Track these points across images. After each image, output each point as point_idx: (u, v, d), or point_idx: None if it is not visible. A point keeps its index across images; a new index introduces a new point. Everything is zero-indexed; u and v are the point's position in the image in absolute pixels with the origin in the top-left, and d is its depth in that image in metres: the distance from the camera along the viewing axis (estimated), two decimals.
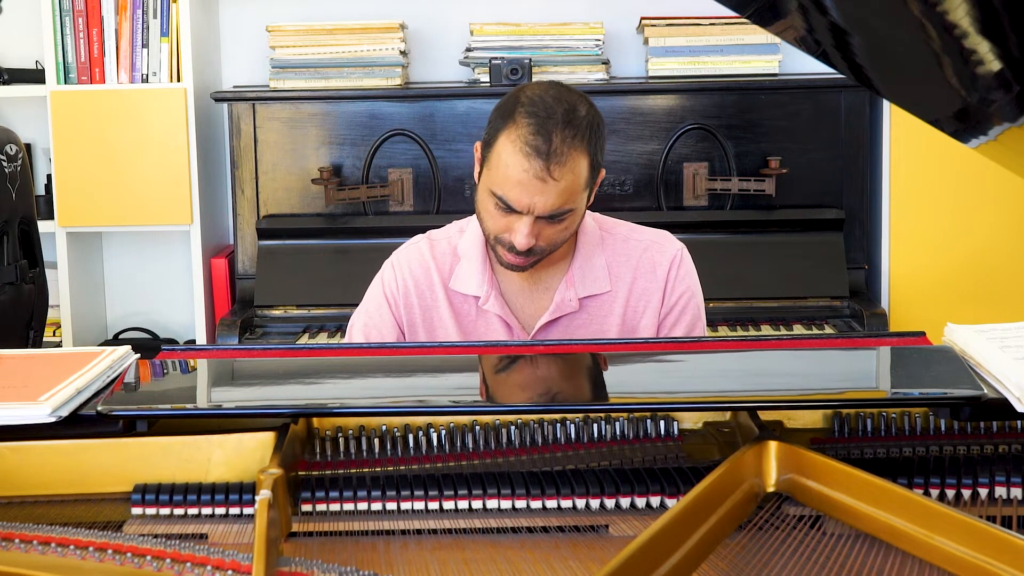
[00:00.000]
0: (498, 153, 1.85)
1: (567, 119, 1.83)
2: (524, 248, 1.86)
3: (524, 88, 1.90)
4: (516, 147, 1.82)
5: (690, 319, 2.02)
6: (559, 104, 1.84)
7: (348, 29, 3.38)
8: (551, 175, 1.81)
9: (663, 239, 2.05)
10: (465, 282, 2.00)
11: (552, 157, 1.81)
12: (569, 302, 1.98)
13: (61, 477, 1.31)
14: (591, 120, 1.87)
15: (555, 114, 1.83)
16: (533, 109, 1.83)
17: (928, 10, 0.91)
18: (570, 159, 1.82)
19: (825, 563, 1.18)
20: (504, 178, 1.84)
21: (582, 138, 1.83)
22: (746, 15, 1.05)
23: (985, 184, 3.28)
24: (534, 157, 1.81)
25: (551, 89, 1.88)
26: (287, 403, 1.43)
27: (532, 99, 1.85)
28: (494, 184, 1.86)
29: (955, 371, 1.41)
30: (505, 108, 1.88)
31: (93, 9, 3.37)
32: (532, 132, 1.82)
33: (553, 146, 1.81)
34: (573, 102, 1.86)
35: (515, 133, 1.83)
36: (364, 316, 2.05)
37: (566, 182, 1.83)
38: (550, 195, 1.82)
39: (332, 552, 1.24)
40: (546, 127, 1.82)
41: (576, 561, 1.21)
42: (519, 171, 1.82)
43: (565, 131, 1.82)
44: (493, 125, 1.89)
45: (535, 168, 1.81)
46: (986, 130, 1.09)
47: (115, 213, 3.41)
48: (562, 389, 1.54)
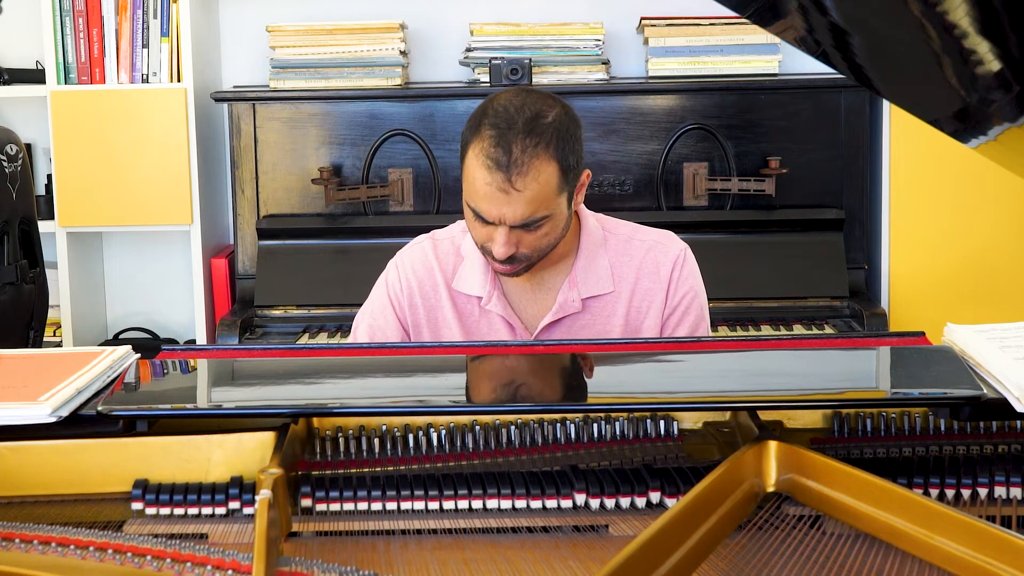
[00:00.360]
0: (467, 166, 1.87)
1: (529, 128, 1.82)
2: (503, 257, 1.87)
3: (494, 98, 1.90)
4: (479, 160, 1.84)
5: (693, 319, 2.02)
6: (521, 113, 1.84)
7: (348, 29, 3.38)
8: (513, 186, 1.81)
9: (666, 239, 2.05)
10: (468, 282, 2.00)
11: (512, 168, 1.81)
12: (572, 303, 1.98)
13: (61, 477, 1.31)
14: (558, 125, 1.85)
15: (516, 124, 1.83)
16: (496, 120, 1.84)
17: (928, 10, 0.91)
18: (532, 168, 1.82)
19: (825, 563, 1.18)
20: (473, 191, 1.85)
21: (546, 145, 1.83)
22: (746, 15, 1.05)
23: (985, 184, 3.28)
24: (495, 169, 1.82)
25: (517, 97, 1.88)
26: (287, 403, 1.43)
27: (496, 110, 1.86)
28: (467, 196, 1.88)
29: (955, 371, 1.41)
30: (474, 120, 1.89)
31: (93, 9, 3.37)
32: (493, 144, 1.82)
33: (513, 157, 1.81)
34: (538, 109, 1.85)
35: (479, 146, 1.84)
36: (369, 317, 2.05)
37: (531, 191, 1.82)
38: (517, 206, 1.83)
39: (332, 552, 1.24)
40: (506, 138, 1.82)
41: (576, 561, 1.21)
42: (483, 184, 1.83)
43: (526, 140, 1.82)
44: (464, 138, 1.90)
45: (497, 180, 1.82)
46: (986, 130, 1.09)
47: (115, 213, 3.41)
48: (562, 389, 1.54)
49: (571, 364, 1.59)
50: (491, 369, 1.60)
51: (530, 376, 1.57)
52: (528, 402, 1.45)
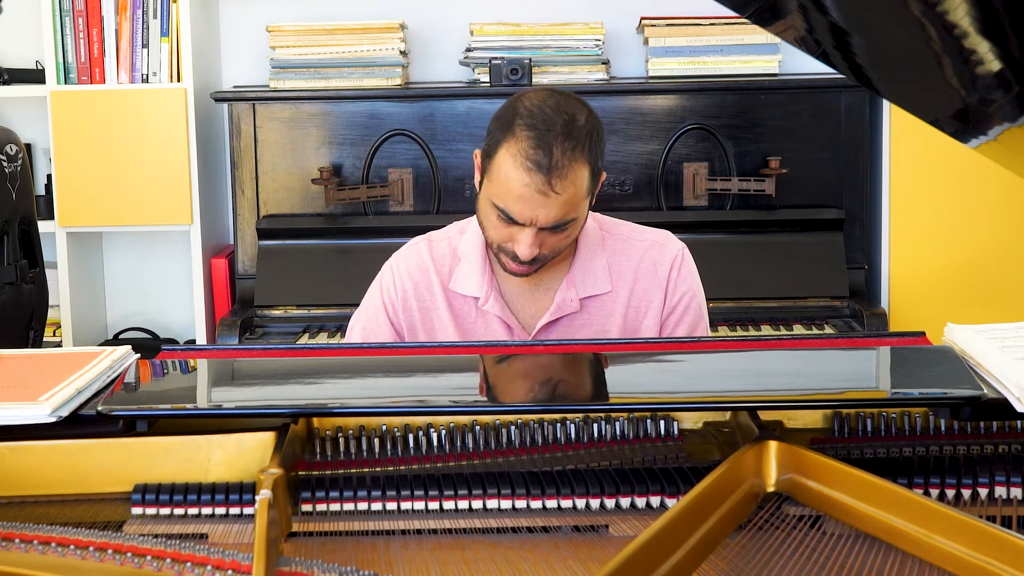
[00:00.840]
0: (499, 165, 1.85)
1: (567, 131, 1.82)
2: (528, 258, 1.86)
3: (522, 97, 1.89)
4: (517, 161, 1.82)
5: (692, 319, 2.02)
6: (558, 115, 1.83)
7: (348, 29, 3.38)
8: (553, 189, 1.81)
9: (664, 239, 2.05)
10: (465, 283, 2.00)
11: (553, 171, 1.80)
12: (570, 302, 1.98)
13: (61, 477, 1.31)
14: (591, 128, 1.86)
15: (555, 126, 1.82)
16: (532, 121, 1.83)
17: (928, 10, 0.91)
18: (571, 171, 1.81)
19: (825, 563, 1.18)
20: (506, 191, 1.83)
21: (582, 148, 1.83)
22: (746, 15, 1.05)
23: (985, 184, 3.28)
24: (535, 172, 1.80)
25: (550, 98, 1.87)
26: (287, 403, 1.43)
27: (531, 110, 1.84)
28: (495, 196, 1.85)
29: (955, 371, 1.41)
30: (504, 119, 1.87)
31: (93, 9, 3.37)
32: (532, 146, 1.81)
33: (554, 160, 1.80)
34: (572, 111, 1.85)
35: (515, 146, 1.82)
36: (363, 320, 2.05)
37: (568, 194, 1.82)
38: (552, 208, 1.82)
39: (332, 552, 1.24)
40: (546, 140, 1.81)
41: (576, 561, 1.21)
42: (520, 185, 1.81)
43: (565, 143, 1.81)
44: (493, 136, 1.88)
45: (537, 182, 1.80)
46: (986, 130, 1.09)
47: (115, 213, 3.41)
48: (562, 389, 1.54)
49: (570, 364, 1.59)
50: (491, 369, 1.60)
51: (530, 376, 1.56)
52: (528, 402, 1.45)
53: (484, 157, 1.90)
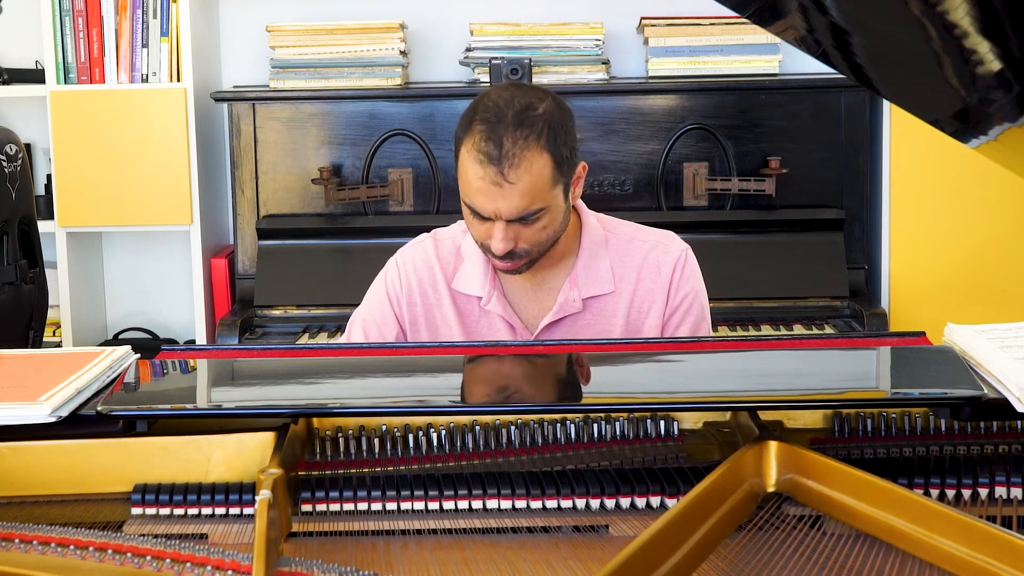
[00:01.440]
0: (461, 163, 1.87)
1: (519, 120, 1.83)
2: (501, 252, 1.87)
3: (485, 94, 1.91)
4: (472, 155, 1.84)
5: (694, 320, 2.02)
6: (511, 107, 1.85)
7: (348, 29, 3.38)
8: (506, 179, 1.82)
9: (668, 240, 2.05)
10: (468, 282, 2.00)
11: (504, 161, 1.81)
12: (572, 302, 1.98)
13: (61, 477, 1.31)
14: (549, 117, 1.86)
15: (506, 117, 1.83)
16: (486, 115, 1.85)
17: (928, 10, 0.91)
18: (524, 160, 1.82)
19: (825, 563, 1.18)
20: (467, 186, 1.86)
21: (537, 136, 1.83)
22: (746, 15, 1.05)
23: (985, 184, 3.28)
24: (487, 163, 1.82)
25: (506, 91, 1.89)
26: (287, 403, 1.43)
27: (487, 105, 1.87)
28: (463, 194, 1.89)
29: (955, 371, 1.41)
30: (465, 117, 1.90)
31: (93, 9, 3.37)
32: (484, 138, 1.83)
33: (504, 150, 1.81)
34: (528, 102, 1.86)
35: (471, 141, 1.85)
36: (365, 312, 2.05)
37: (524, 183, 1.82)
38: (511, 198, 1.83)
39: (332, 552, 1.24)
40: (496, 131, 1.82)
41: (576, 561, 1.21)
42: (476, 179, 1.84)
43: (516, 132, 1.82)
44: (456, 136, 1.91)
45: (490, 174, 1.82)
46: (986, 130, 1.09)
47: (115, 213, 3.41)
48: (562, 389, 1.54)
49: (571, 364, 1.59)
50: (491, 369, 1.60)
51: (530, 376, 1.56)
52: (528, 402, 1.45)
53: (455, 158, 1.93)
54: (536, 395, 1.52)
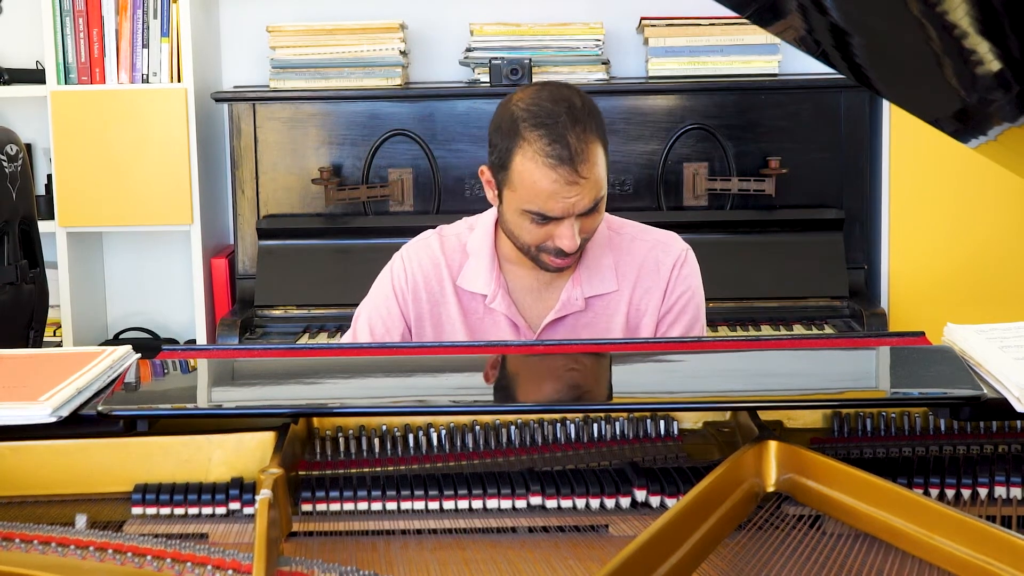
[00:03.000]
0: (519, 173, 1.85)
1: (572, 116, 1.84)
2: (573, 249, 1.88)
3: (514, 101, 1.90)
4: (537, 162, 1.83)
5: (689, 319, 2.02)
6: (558, 104, 1.85)
7: (348, 29, 3.38)
8: (581, 175, 1.83)
9: (669, 239, 2.06)
10: (473, 280, 2.00)
11: (576, 158, 1.82)
12: (575, 301, 1.98)
13: (61, 477, 1.31)
14: (589, 106, 1.88)
15: (560, 116, 1.83)
16: (536, 120, 1.84)
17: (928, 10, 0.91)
18: (591, 153, 1.84)
19: (825, 563, 1.18)
20: (535, 194, 1.84)
21: (592, 128, 1.85)
22: (746, 15, 1.05)
23: (985, 184, 3.28)
24: (559, 165, 1.82)
25: (542, 91, 1.88)
26: (287, 403, 1.43)
27: (529, 109, 1.85)
28: (525, 202, 1.86)
29: (955, 371, 1.41)
30: (505, 127, 1.87)
31: (93, 9, 3.37)
32: (548, 142, 1.82)
33: (573, 148, 1.82)
34: (567, 97, 1.87)
35: (530, 149, 1.83)
36: (370, 307, 2.04)
37: (594, 176, 1.85)
38: (585, 193, 1.84)
39: (332, 552, 1.24)
40: (557, 131, 1.82)
41: (576, 561, 1.21)
42: (549, 183, 1.82)
43: (576, 128, 1.83)
44: (500, 147, 1.88)
45: (564, 175, 1.82)
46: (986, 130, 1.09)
47: (115, 213, 3.41)
48: (562, 389, 1.54)
49: (572, 365, 1.59)
50: (492, 369, 1.60)
51: (530, 376, 1.57)
52: (528, 402, 1.45)
53: (497, 171, 1.90)
54: (536, 395, 1.52)
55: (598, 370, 1.55)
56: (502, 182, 1.90)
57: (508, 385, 1.56)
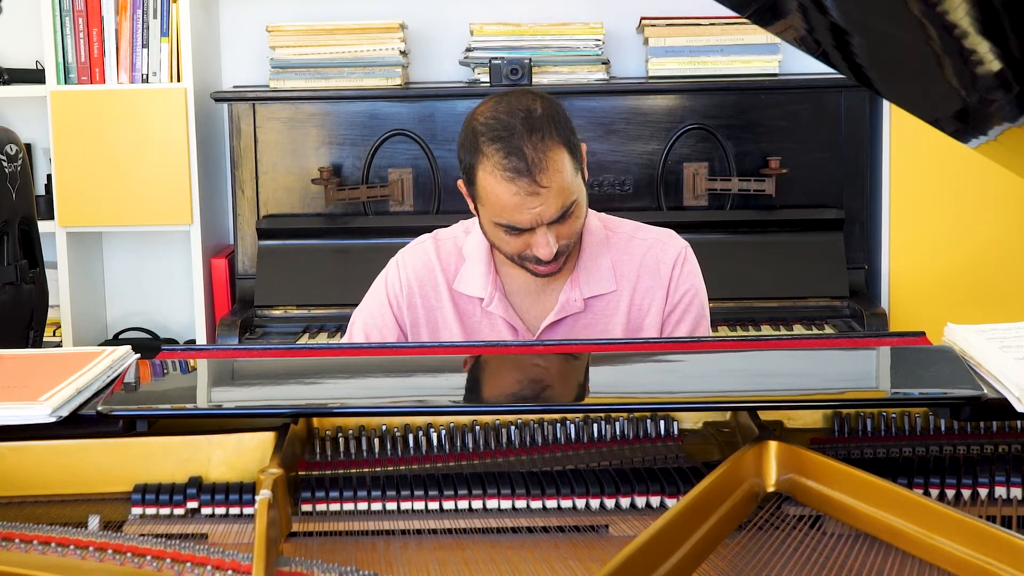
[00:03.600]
0: (483, 187, 1.86)
1: (528, 126, 1.82)
2: (550, 257, 1.87)
3: (475, 115, 1.90)
4: (496, 176, 1.83)
5: (694, 317, 2.02)
6: (513, 115, 1.84)
7: (348, 29, 3.38)
8: (540, 185, 1.81)
9: (667, 237, 2.05)
10: (469, 283, 2.00)
11: (534, 169, 1.81)
12: (574, 302, 1.98)
13: (61, 477, 1.31)
14: (549, 113, 1.86)
15: (514, 127, 1.83)
16: (493, 133, 1.84)
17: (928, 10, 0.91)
18: (550, 161, 1.82)
19: (825, 563, 1.18)
20: (500, 208, 1.85)
21: (550, 135, 1.83)
22: (746, 15, 1.05)
23: (985, 184, 3.28)
24: (518, 178, 1.81)
25: (500, 104, 1.88)
26: (287, 403, 1.43)
27: (487, 123, 1.86)
28: (494, 215, 1.87)
29: (955, 371, 1.41)
30: (467, 143, 1.88)
31: (93, 9, 3.37)
32: (504, 155, 1.82)
33: (529, 159, 1.81)
34: (525, 105, 1.86)
35: (488, 163, 1.84)
36: (365, 314, 2.05)
37: (556, 184, 1.83)
38: (549, 203, 1.83)
39: (332, 552, 1.24)
40: (512, 143, 1.82)
41: (576, 561, 1.21)
42: (510, 196, 1.82)
43: (532, 138, 1.82)
44: (464, 162, 1.89)
45: (523, 186, 1.81)
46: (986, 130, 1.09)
47: (115, 213, 3.41)
48: (562, 389, 1.54)
49: (571, 364, 1.59)
50: (491, 369, 1.60)
51: (530, 376, 1.57)
52: (528, 402, 1.45)
53: (467, 185, 1.91)
54: (536, 395, 1.52)
55: (598, 370, 1.55)
56: (474, 196, 1.91)
57: (508, 385, 1.56)
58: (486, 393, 1.52)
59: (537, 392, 1.53)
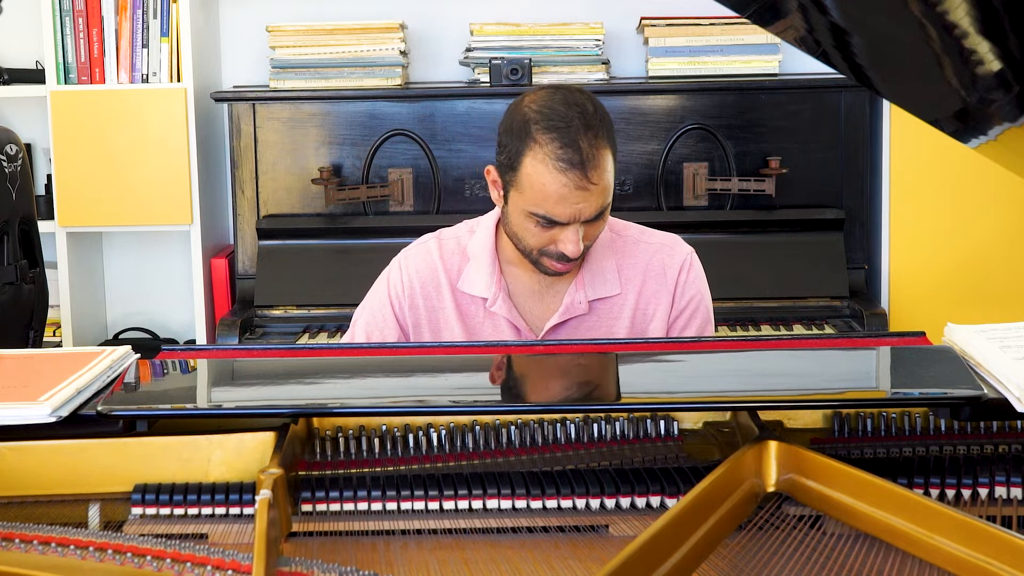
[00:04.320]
0: (528, 175, 1.84)
1: (585, 122, 1.83)
2: (577, 255, 1.87)
3: (526, 102, 1.88)
4: (547, 165, 1.82)
5: (700, 323, 2.02)
6: (571, 109, 1.84)
7: (348, 29, 3.38)
8: (590, 181, 1.82)
9: (673, 242, 2.05)
10: (473, 283, 2.00)
11: (587, 164, 1.81)
12: (578, 304, 1.97)
13: (61, 477, 1.31)
14: (601, 113, 1.88)
15: (573, 121, 1.83)
16: (549, 123, 1.83)
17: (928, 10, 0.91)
18: (601, 159, 1.83)
19: (825, 563, 1.18)
20: (543, 197, 1.83)
21: (603, 134, 1.85)
22: (746, 15, 1.05)
23: (985, 184, 3.28)
24: (570, 170, 1.81)
25: (555, 95, 1.87)
26: (287, 403, 1.43)
27: (542, 112, 1.84)
28: (531, 205, 1.85)
29: (955, 371, 1.41)
30: (516, 128, 1.86)
31: (93, 9, 3.37)
32: (559, 146, 1.81)
33: (584, 153, 1.81)
34: (580, 102, 1.86)
35: (541, 151, 1.82)
36: (367, 314, 2.04)
37: (603, 183, 1.84)
38: (592, 200, 1.83)
39: (332, 552, 1.24)
40: (570, 136, 1.81)
41: (576, 561, 1.21)
42: (558, 186, 1.82)
43: (588, 134, 1.82)
44: (510, 148, 1.87)
45: (574, 179, 1.81)
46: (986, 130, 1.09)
47: (115, 213, 3.41)
48: (562, 389, 1.54)
49: (572, 365, 1.59)
50: (492, 369, 1.60)
51: (530, 376, 1.56)
52: (528, 402, 1.45)
53: (505, 171, 1.89)
54: (536, 395, 1.52)
55: (598, 370, 1.55)
56: (509, 183, 1.89)
57: (508, 385, 1.56)
58: (486, 393, 1.52)
59: (537, 392, 1.53)
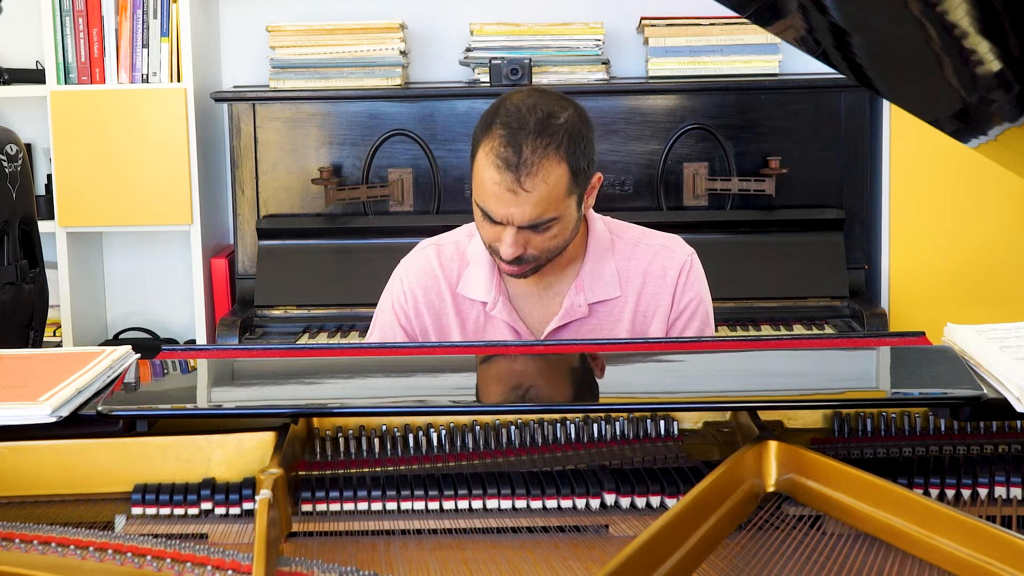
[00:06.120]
0: (477, 165, 1.86)
1: (540, 128, 1.81)
2: (510, 257, 1.86)
3: (507, 97, 1.89)
4: (489, 159, 1.83)
5: (699, 325, 2.01)
6: (533, 113, 1.83)
7: (348, 29, 3.38)
8: (522, 186, 1.80)
9: (673, 244, 2.04)
10: (473, 287, 2.00)
11: (522, 168, 1.80)
12: (579, 307, 1.97)
13: (61, 477, 1.31)
14: (570, 127, 1.84)
15: (527, 124, 1.82)
16: (508, 120, 1.83)
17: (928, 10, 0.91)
18: (542, 169, 1.81)
19: (825, 563, 1.18)
20: (482, 190, 1.84)
21: (556, 146, 1.82)
22: (746, 15, 1.05)
23: (985, 184, 3.28)
24: (504, 169, 1.81)
25: (530, 97, 1.86)
26: (287, 403, 1.43)
27: (509, 109, 1.85)
28: (476, 195, 1.87)
29: (955, 371, 1.41)
30: (485, 119, 1.88)
31: (93, 9, 3.37)
32: (503, 144, 1.81)
33: (523, 157, 1.80)
34: (550, 109, 1.84)
35: (489, 145, 1.83)
36: (378, 333, 2.05)
37: (539, 192, 1.81)
38: (525, 206, 1.82)
39: (332, 552, 1.24)
40: (516, 138, 1.81)
41: (576, 561, 1.21)
42: (492, 184, 1.82)
43: (536, 141, 1.81)
44: (475, 136, 1.89)
45: (506, 180, 1.81)
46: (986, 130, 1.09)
47: (115, 213, 3.41)
48: (562, 389, 1.54)
49: (572, 365, 1.59)
50: (491, 369, 1.60)
51: (530, 376, 1.56)
52: (528, 402, 1.45)
53: (471, 158, 1.91)
54: (536, 395, 1.52)
55: (598, 370, 1.55)
56: (471, 169, 1.90)
57: (508, 385, 1.56)
58: (486, 393, 1.52)
59: (537, 392, 1.53)
